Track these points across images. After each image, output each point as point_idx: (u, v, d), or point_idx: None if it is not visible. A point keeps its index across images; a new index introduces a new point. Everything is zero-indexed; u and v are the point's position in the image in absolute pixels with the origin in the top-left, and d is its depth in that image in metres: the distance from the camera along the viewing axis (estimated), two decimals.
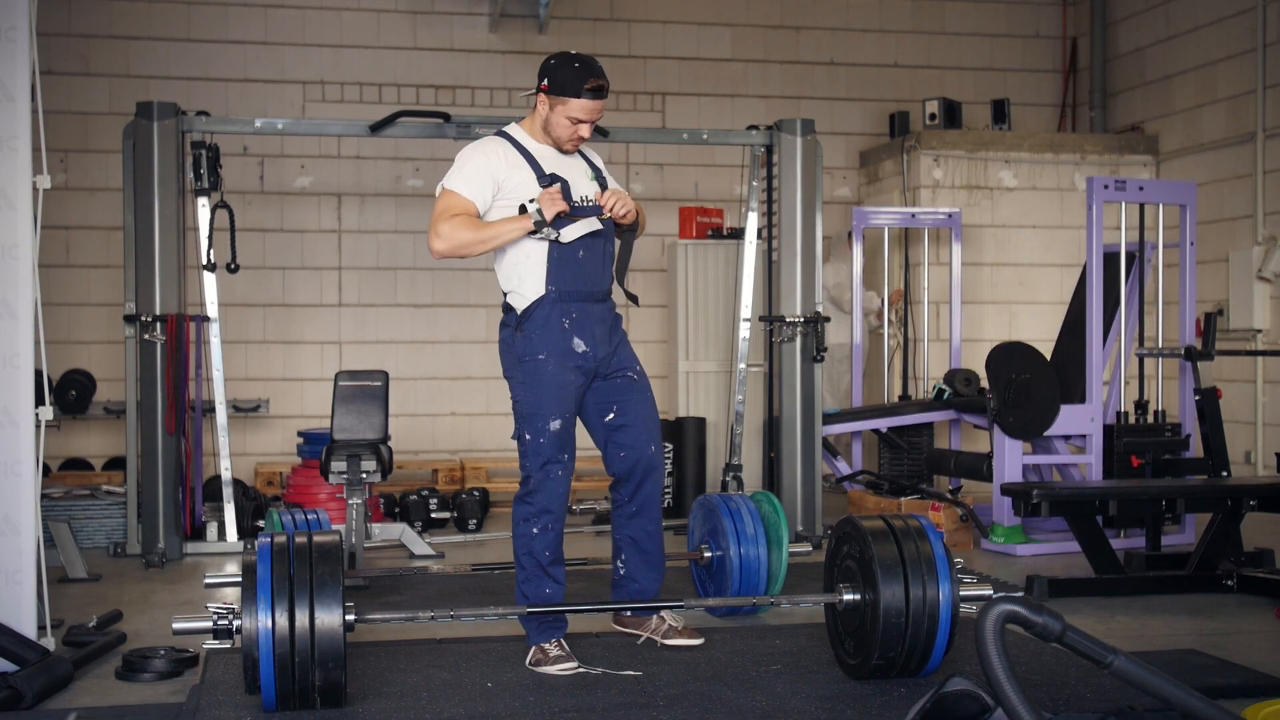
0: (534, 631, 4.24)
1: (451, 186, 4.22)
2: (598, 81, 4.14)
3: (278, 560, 3.59)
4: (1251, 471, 8.68)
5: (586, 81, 4.12)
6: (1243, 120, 9.04)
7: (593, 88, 4.12)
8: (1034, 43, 10.72)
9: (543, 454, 4.20)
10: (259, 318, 9.40)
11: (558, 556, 4.28)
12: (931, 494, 7.07)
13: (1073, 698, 3.79)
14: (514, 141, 4.29)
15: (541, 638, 4.22)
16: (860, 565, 3.95)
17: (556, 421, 4.20)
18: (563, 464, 4.22)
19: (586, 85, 4.12)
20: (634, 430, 4.35)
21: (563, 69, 4.15)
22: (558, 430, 4.20)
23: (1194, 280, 6.97)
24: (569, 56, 4.21)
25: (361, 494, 5.99)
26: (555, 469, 4.20)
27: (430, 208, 4.29)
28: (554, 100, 4.17)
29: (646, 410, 4.39)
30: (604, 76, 4.18)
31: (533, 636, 4.24)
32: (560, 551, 4.29)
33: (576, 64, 4.15)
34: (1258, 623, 5.03)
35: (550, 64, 4.19)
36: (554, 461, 4.20)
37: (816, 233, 7.01)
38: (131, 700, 3.96)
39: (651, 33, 10.05)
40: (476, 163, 4.23)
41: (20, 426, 4.19)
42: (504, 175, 4.21)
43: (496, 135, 4.34)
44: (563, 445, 4.23)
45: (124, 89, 9.08)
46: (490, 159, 4.23)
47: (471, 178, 4.21)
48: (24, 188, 4.22)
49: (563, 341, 4.21)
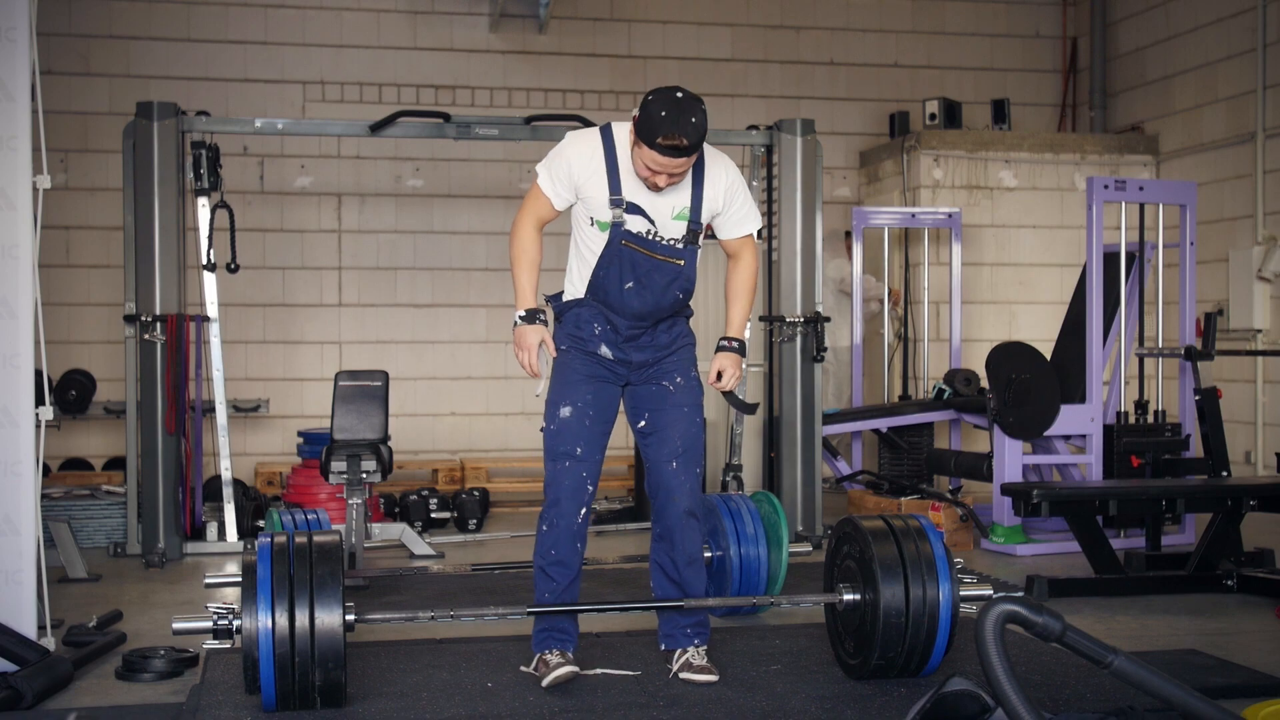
0: (534, 639, 4.09)
1: (540, 178, 4.05)
2: (674, 141, 3.75)
3: (278, 560, 3.59)
4: (1251, 471, 8.68)
5: (661, 136, 3.75)
6: (1243, 120, 9.04)
7: (667, 145, 3.77)
8: (1034, 43, 10.72)
9: (554, 443, 4.02)
10: (259, 318, 9.40)
11: (562, 558, 3.99)
12: (931, 494, 7.07)
13: (1073, 698, 3.79)
14: (610, 145, 3.98)
15: (539, 647, 4.05)
16: (860, 565, 3.95)
17: (567, 408, 4.00)
18: (574, 457, 3.97)
19: (660, 139, 3.76)
20: (656, 440, 4.09)
21: (649, 110, 3.79)
22: (568, 418, 3.99)
23: (1194, 280, 6.97)
24: (664, 100, 3.80)
25: (361, 494, 5.99)
26: (564, 461, 3.98)
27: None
28: (634, 139, 3.85)
29: (677, 422, 4.09)
30: (689, 134, 3.76)
31: (533, 644, 4.10)
32: (567, 552, 4.00)
33: (664, 112, 3.76)
34: (1258, 623, 5.03)
35: (647, 98, 3.83)
36: (564, 454, 3.98)
37: (817, 233, 7.01)
38: (131, 700, 3.96)
39: (651, 33, 10.05)
40: (564, 161, 3.99)
41: (20, 426, 4.19)
42: (584, 180, 3.97)
43: (601, 130, 4.04)
44: (575, 437, 3.98)
45: (124, 89, 9.08)
46: (576, 162, 3.97)
47: (556, 175, 4.00)
48: (24, 188, 4.22)
49: (590, 345, 4.06)
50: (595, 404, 4.05)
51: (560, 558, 4.00)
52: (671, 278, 4.05)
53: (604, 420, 4.08)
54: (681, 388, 4.14)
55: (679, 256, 4.04)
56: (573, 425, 4.02)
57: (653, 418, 4.11)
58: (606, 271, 4.00)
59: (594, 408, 4.04)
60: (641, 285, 4.01)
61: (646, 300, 4.03)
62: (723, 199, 4.08)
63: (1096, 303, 6.71)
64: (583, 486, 4.00)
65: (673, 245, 4.03)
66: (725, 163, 4.12)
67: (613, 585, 5.68)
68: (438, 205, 9.62)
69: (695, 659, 4.06)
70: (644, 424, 4.14)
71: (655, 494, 4.13)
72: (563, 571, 4.01)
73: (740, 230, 4.19)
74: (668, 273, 4.03)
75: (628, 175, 3.95)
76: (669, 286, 4.05)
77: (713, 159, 4.08)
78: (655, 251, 4.00)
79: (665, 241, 4.02)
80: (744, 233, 4.19)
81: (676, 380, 4.14)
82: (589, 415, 4.03)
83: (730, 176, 4.10)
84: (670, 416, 4.10)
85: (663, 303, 4.06)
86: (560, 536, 3.99)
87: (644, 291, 4.02)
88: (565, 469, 4.00)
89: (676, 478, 4.08)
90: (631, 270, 4.00)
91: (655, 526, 4.17)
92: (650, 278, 4.01)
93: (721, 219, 4.15)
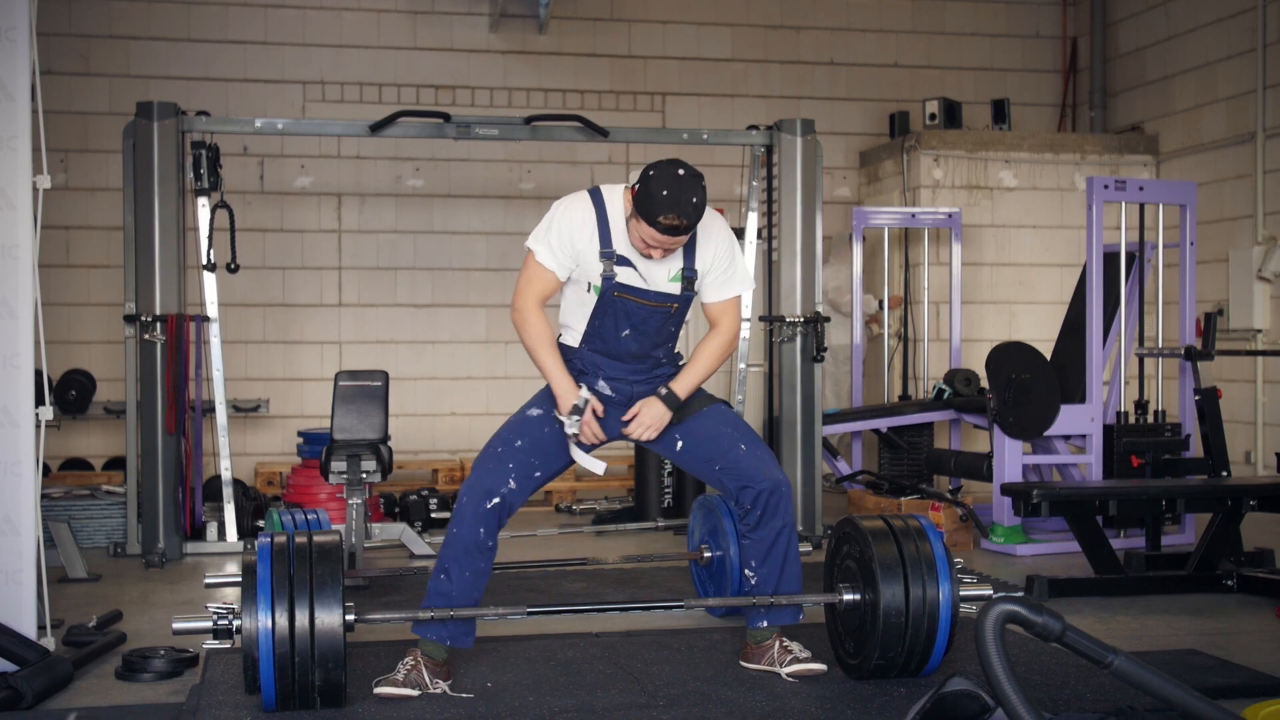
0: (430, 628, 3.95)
1: (536, 251, 3.98)
2: (673, 221, 3.73)
3: (278, 560, 3.59)
4: (1251, 471, 8.68)
5: (662, 215, 3.73)
6: (1243, 120, 9.04)
7: (667, 225, 3.75)
8: (1034, 43, 10.72)
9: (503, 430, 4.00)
10: (259, 318, 9.40)
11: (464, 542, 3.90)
12: (931, 494, 7.07)
13: (1073, 698, 3.79)
14: (600, 206, 3.96)
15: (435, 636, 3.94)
16: (860, 565, 3.95)
17: (537, 410, 4.01)
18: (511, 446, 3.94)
19: (662, 219, 3.73)
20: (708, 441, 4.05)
21: (649, 186, 3.75)
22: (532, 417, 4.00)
23: (1194, 280, 6.97)
24: (665, 178, 3.75)
25: (361, 494, 5.99)
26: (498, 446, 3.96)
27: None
28: (633, 212, 3.83)
29: (711, 416, 4.09)
30: (690, 214, 3.74)
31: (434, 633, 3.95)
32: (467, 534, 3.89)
33: (665, 191, 3.72)
34: (1258, 623, 5.03)
35: (648, 173, 3.78)
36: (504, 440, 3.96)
37: (816, 233, 7.01)
38: (131, 700, 3.96)
39: (651, 33, 10.05)
40: (561, 230, 3.94)
41: (20, 426, 4.19)
42: (583, 245, 3.94)
43: (590, 194, 4.00)
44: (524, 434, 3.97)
45: (124, 89, 9.08)
46: (572, 229, 3.94)
47: (555, 247, 3.95)
48: (24, 188, 4.21)
49: (589, 379, 4.04)
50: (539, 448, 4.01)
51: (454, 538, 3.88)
52: (665, 318, 4.04)
53: (564, 442, 4.00)
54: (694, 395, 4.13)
55: (673, 301, 4.02)
56: (530, 425, 4.01)
57: (685, 432, 4.09)
58: (602, 322, 4.01)
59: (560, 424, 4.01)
60: (638, 331, 4.03)
61: (644, 344, 4.05)
62: (711, 260, 4.02)
63: (1096, 303, 6.71)
64: (503, 477, 3.88)
65: (667, 294, 4.01)
66: (719, 224, 4.07)
67: (613, 585, 5.68)
68: (438, 205, 9.62)
69: (799, 652, 4.07)
70: (681, 444, 4.10)
71: (742, 487, 3.99)
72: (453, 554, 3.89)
73: (726, 292, 4.10)
74: (662, 315, 4.03)
75: (619, 235, 3.93)
76: (663, 326, 4.06)
77: (708, 220, 4.02)
78: (648, 299, 3.99)
79: (659, 290, 4.00)
80: (730, 295, 4.11)
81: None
82: (552, 426, 4.01)
83: (722, 236, 4.05)
84: (701, 420, 4.09)
85: (659, 340, 4.08)
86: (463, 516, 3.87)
87: (641, 337, 4.03)
88: (495, 454, 3.94)
89: (753, 456, 4.02)
90: (627, 319, 4.00)
91: (754, 513, 4.00)
92: (646, 324, 4.02)
93: (709, 279, 4.06)
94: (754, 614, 4.13)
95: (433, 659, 3.92)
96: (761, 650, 4.13)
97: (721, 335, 4.13)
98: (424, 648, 3.93)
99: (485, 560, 3.90)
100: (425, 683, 3.86)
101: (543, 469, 3.99)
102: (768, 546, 4.04)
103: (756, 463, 4.02)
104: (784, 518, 4.03)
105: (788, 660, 4.07)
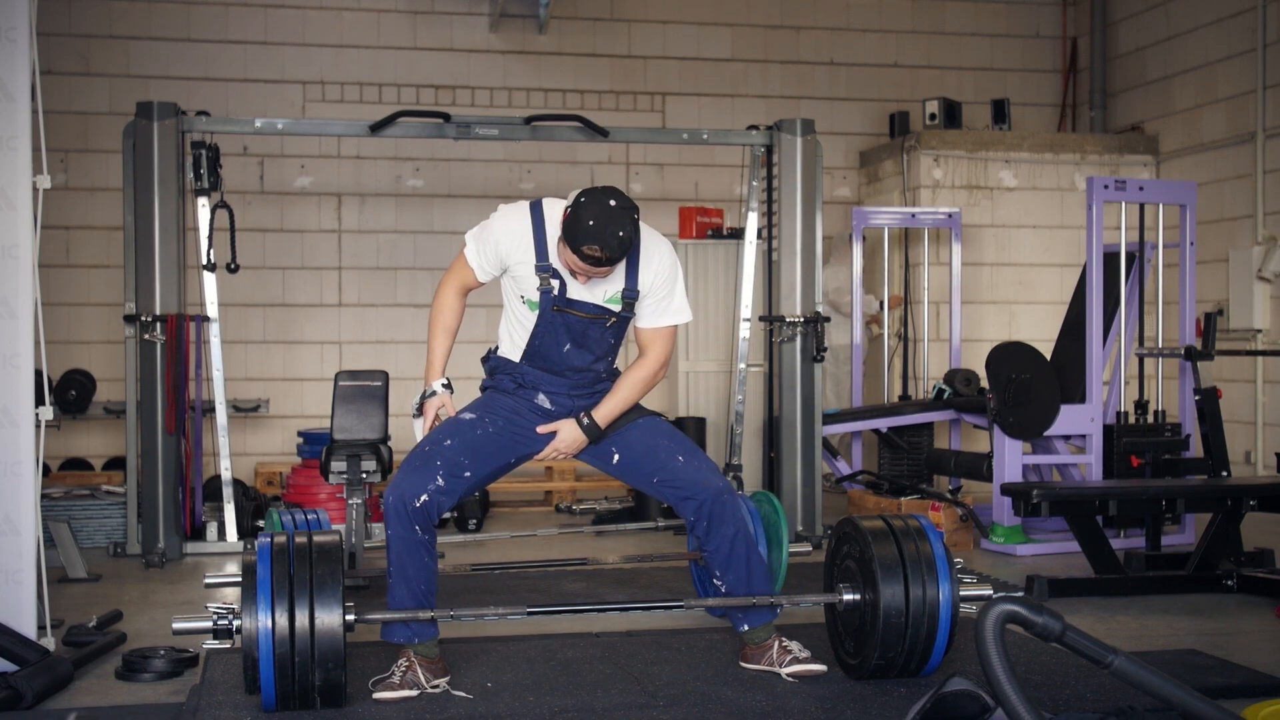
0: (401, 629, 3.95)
1: (467, 245, 4.04)
2: (595, 252, 3.70)
3: (278, 560, 3.59)
4: (1251, 471, 8.68)
5: (585, 245, 3.70)
6: (1243, 120, 9.04)
7: (589, 256, 3.72)
8: (1034, 43, 10.72)
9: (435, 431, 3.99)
10: (259, 318, 9.40)
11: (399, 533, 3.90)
12: (931, 494, 7.07)
13: (1073, 698, 3.79)
14: (539, 221, 3.93)
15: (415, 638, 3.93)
16: (860, 565, 3.95)
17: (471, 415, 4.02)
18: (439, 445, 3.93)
19: (584, 248, 3.70)
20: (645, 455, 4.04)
21: (578, 213, 3.71)
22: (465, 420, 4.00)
23: (1194, 280, 6.97)
24: (594, 207, 3.71)
25: (361, 494, 5.99)
26: (426, 445, 3.94)
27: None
28: (560, 233, 3.82)
29: (646, 429, 4.08)
30: (613, 249, 3.70)
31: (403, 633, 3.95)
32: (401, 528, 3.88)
33: (591, 222, 3.69)
34: (1258, 623, 5.03)
35: (580, 199, 3.75)
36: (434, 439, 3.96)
37: (816, 233, 7.01)
38: (131, 700, 3.96)
39: (651, 33, 10.05)
40: (492, 237, 3.97)
41: (20, 426, 4.19)
42: (512, 258, 3.94)
43: (531, 206, 3.97)
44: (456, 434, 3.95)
45: (124, 89, 9.08)
46: (504, 239, 3.94)
47: (483, 250, 3.99)
48: (24, 188, 4.22)
49: (527, 394, 4.05)
50: (502, 430, 4.01)
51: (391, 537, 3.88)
52: (604, 330, 4.02)
53: (498, 445, 3.99)
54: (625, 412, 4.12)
55: (611, 316, 3.99)
56: (460, 425, 3.99)
57: (621, 445, 4.08)
58: (544, 340, 4.01)
59: (496, 429, 4.00)
60: (578, 345, 4.02)
61: (585, 358, 4.04)
62: (650, 284, 3.98)
63: (1096, 303, 6.71)
64: (430, 475, 3.85)
65: (605, 308, 3.98)
66: (663, 248, 4.02)
67: (613, 585, 5.68)
68: (438, 205, 9.62)
69: (799, 652, 4.08)
70: (619, 457, 4.09)
71: (687, 497, 4.01)
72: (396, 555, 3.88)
73: (658, 321, 4.05)
74: (600, 326, 4.01)
75: (555, 250, 3.91)
76: (603, 337, 4.04)
77: (652, 243, 4.00)
78: (587, 312, 3.97)
79: (597, 304, 3.97)
80: (664, 324, 4.06)
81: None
82: (485, 429, 3.99)
83: (665, 263, 4.00)
84: (635, 432, 4.08)
85: (599, 353, 4.06)
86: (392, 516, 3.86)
87: (582, 350, 4.03)
88: (423, 453, 3.91)
89: (690, 467, 4.03)
90: (567, 332, 4.00)
91: (700, 524, 4.03)
92: (586, 336, 4.01)
93: (646, 303, 4.02)
94: (735, 619, 4.15)
95: (426, 657, 3.91)
96: (761, 651, 4.13)
97: (648, 366, 4.07)
98: (415, 648, 3.92)
99: (429, 553, 3.89)
100: (422, 681, 3.86)
101: (473, 470, 3.95)
102: (726, 555, 4.04)
103: (695, 473, 4.01)
104: (733, 524, 4.02)
105: (788, 661, 4.07)
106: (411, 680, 3.85)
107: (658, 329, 4.07)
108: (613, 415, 4.06)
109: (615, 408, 4.05)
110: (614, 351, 4.13)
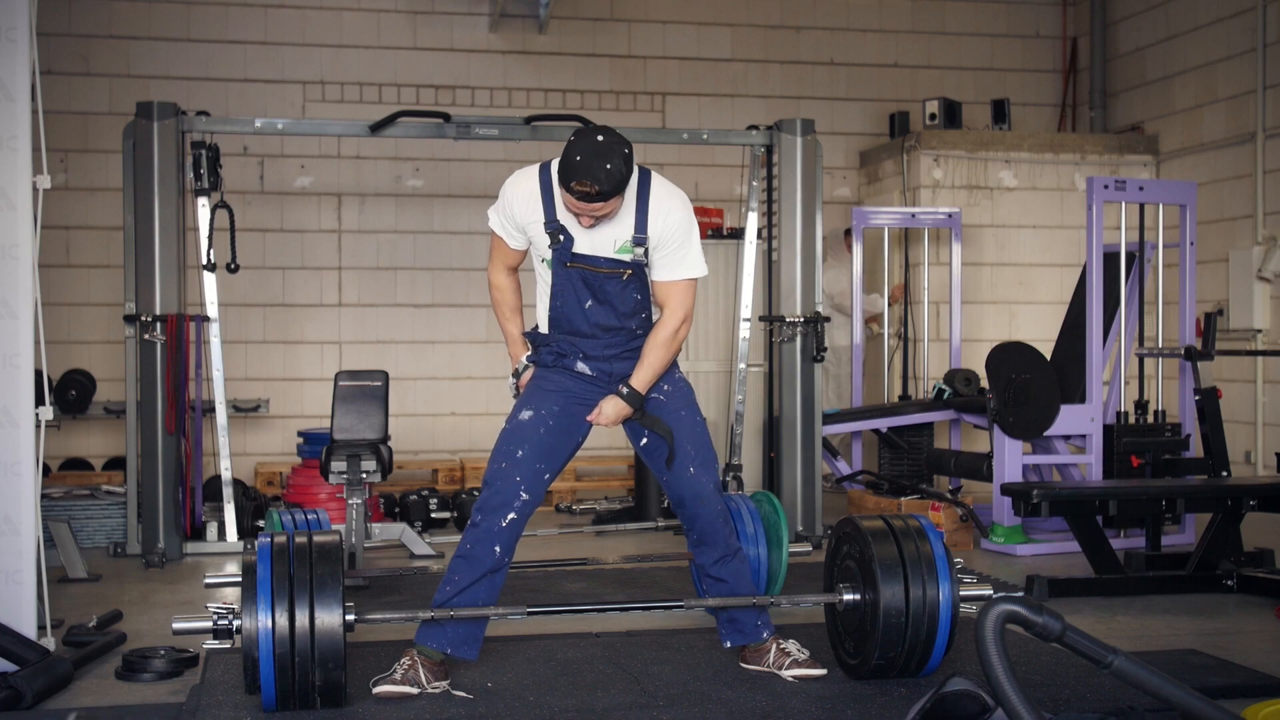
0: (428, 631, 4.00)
1: (491, 220, 4.10)
2: (585, 187, 3.72)
3: (278, 560, 3.59)
4: (1251, 471, 8.68)
5: (575, 180, 3.72)
6: (1243, 120, 9.04)
7: (579, 192, 3.74)
8: (1034, 43, 10.72)
9: (502, 442, 4.00)
10: (259, 318, 9.40)
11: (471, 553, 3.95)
12: (931, 494, 7.07)
13: (1073, 698, 3.79)
14: (546, 179, 3.95)
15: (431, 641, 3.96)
16: (860, 565, 3.95)
17: (528, 412, 4.01)
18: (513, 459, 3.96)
19: (574, 184, 3.73)
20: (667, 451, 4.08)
21: (568, 152, 3.75)
22: (525, 421, 4.00)
23: (1194, 280, 6.97)
24: (583, 143, 3.75)
25: (361, 494, 5.99)
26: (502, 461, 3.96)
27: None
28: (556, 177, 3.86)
29: (680, 427, 4.08)
30: (603, 181, 3.71)
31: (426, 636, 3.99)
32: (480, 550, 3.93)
33: (579, 157, 3.72)
34: (1258, 623, 5.03)
35: (571, 138, 3.79)
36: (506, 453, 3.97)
37: (816, 233, 7.02)
38: (131, 700, 3.96)
39: (651, 33, 10.05)
40: (506, 200, 4.02)
41: (20, 426, 4.19)
42: (526, 219, 3.97)
43: (540, 168, 3.99)
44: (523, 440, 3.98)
45: (124, 89, 9.08)
46: (516, 202, 3.98)
47: (502, 215, 4.04)
48: (24, 188, 4.22)
49: (569, 361, 4.05)
50: (560, 416, 4.02)
51: (468, 553, 3.92)
52: (625, 282, 3.99)
53: (562, 433, 4.03)
54: (672, 394, 4.12)
55: (625, 268, 3.98)
56: (525, 430, 4.00)
57: (651, 433, 4.09)
58: (564, 299, 4.00)
59: (555, 419, 4.01)
60: (599, 300, 4.00)
61: (610, 314, 4.01)
62: (661, 233, 3.94)
63: (1096, 303, 6.71)
64: (514, 491, 3.91)
65: (617, 260, 3.97)
66: (676, 198, 4.01)
67: (613, 585, 5.68)
68: (438, 205, 9.62)
69: (798, 653, 4.12)
70: (647, 440, 4.11)
71: (682, 504, 4.11)
72: (465, 567, 3.90)
73: (674, 274, 4.01)
74: (619, 280, 3.98)
75: (563, 206, 3.92)
76: (625, 289, 4.00)
77: (663, 192, 3.99)
78: (601, 266, 3.96)
79: (608, 257, 3.97)
80: (678, 277, 4.01)
81: (664, 388, 4.11)
82: (547, 424, 4.01)
83: (677, 213, 3.97)
84: (671, 424, 4.08)
85: (626, 309, 4.02)
86: (479, 535, 3.91)
87: (605, 306, 4.00)
88: (502, 470, 3.96)
89: (698, 481, 4.08)
90: (586, 287, 3.98)
91: (690, 534, 4.17)
92: (605, 289, 3.99)
93: (660, 255, 3.98)
94: (720, 634, 4.24)
95: (430, 659, 3.92)
96: (760, 653, 4.14)
97: (668, 324, 4.03)
98: (420, 648, 3.93)
99: (501, 577, 3.96)
100: (423, 681, 3.86)
101: (550, 469, 4.02)
102: (709, 571, 4.18)
103: (699, 489, 4.09)
104: (721, 549, 4.15)
105: (788, 664, 4.09)
106: (413, 678, 3.86)
107: (674, 282, 4.02)
108: (649, 381, 4.03)
109: (649, 374, 4.03)
110: (644, 308, 4.06)
